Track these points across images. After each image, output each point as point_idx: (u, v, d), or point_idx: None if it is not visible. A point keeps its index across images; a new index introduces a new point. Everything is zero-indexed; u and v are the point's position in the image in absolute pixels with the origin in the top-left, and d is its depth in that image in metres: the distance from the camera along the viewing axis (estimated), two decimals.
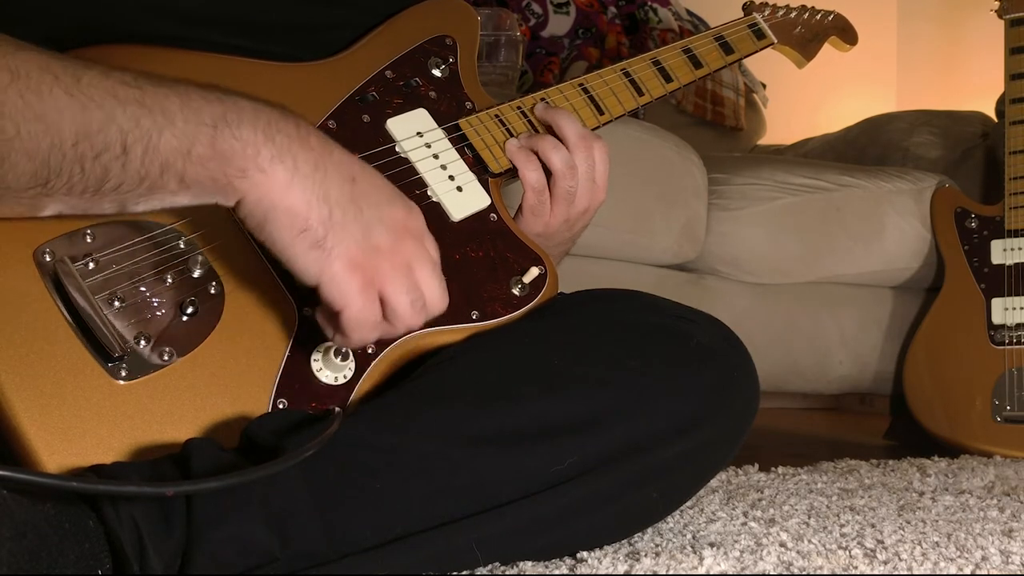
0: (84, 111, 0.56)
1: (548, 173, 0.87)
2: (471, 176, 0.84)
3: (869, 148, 2.21)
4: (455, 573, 0.66)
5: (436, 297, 0.68)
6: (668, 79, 1.01)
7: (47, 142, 0.56)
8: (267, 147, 0.61)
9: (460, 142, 0.86)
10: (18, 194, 0.58)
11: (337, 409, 0.66)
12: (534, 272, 0.82)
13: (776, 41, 1.17)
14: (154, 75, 0.60)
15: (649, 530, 0.82)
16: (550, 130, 0.89)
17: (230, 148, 0.60)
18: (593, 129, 0.92)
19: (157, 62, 0.75)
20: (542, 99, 0.92)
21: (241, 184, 0.61)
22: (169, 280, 0.68)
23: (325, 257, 0.63)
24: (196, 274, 0.69)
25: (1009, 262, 1.72)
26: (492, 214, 0.84)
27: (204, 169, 0.60)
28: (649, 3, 2.40)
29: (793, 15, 1.23)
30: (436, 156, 0.83)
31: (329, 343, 0.71)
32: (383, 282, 0.65)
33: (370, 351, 0.73)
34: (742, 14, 1.19)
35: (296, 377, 0.70)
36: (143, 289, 0.67)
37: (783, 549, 0.78)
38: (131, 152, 0.58)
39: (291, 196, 0.62)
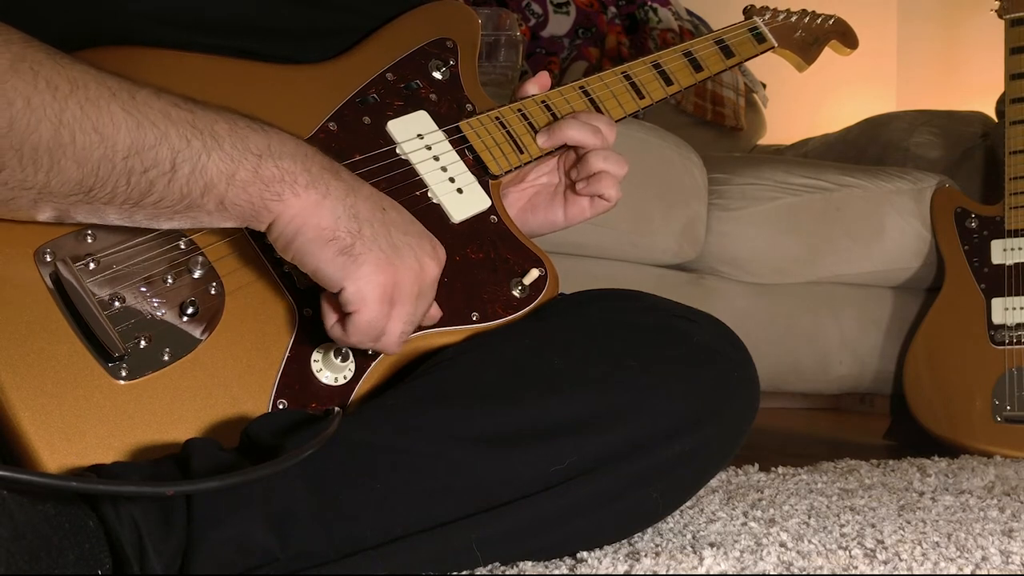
0: (139, 127, 0.59)
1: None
2: (471, 178, 0.84)
3: (869, 148, 2.21)
4: (455, 573, 0.67)
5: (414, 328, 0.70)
6: (668, 82, 1.01)
7: (99, 152, 0.58)
8: (304, 175, 0.64)
9: (461, 144, 0.86)
10: (58, 199, 0.59)
11: (337, 409, 0.66)
12: (534, 274, 0.82)
13: (776, 45, 1.17)
14: (200, 100, 0.63)
15: (649, 530, 0.82)
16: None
17: (271, 175, 0.63)
18: None
19: (162, 65, 0.75)
20: (542, 102, 0.92)
21: (276, 206, 0.63)
22: (170, 280, 0.68)
23: (352, 262, 0.65)
24: (197, 275, 0.69)
25: (1009, 262, 1.72)
26: (492, 216, 0.84)
27: (244, 192, 0.63)
28: (649, 3, 2.40)
29: (794, 19, 1.24)
30: (437, 158, 0.83)
31: (329, 343, 0.71)
32: (398, 301, 0.67)
33: (369, 352, 0.73)
34: (742, 16, 1.19)
35: (296, 377, 0.70)
36: (144, 289, 0.67)
37: (783, 549, 0.78)
38: (179, 170, 0.60)
39: (321, 213, 0.64)
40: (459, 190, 0.83)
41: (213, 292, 0.69)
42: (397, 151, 0.82)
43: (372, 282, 0.65)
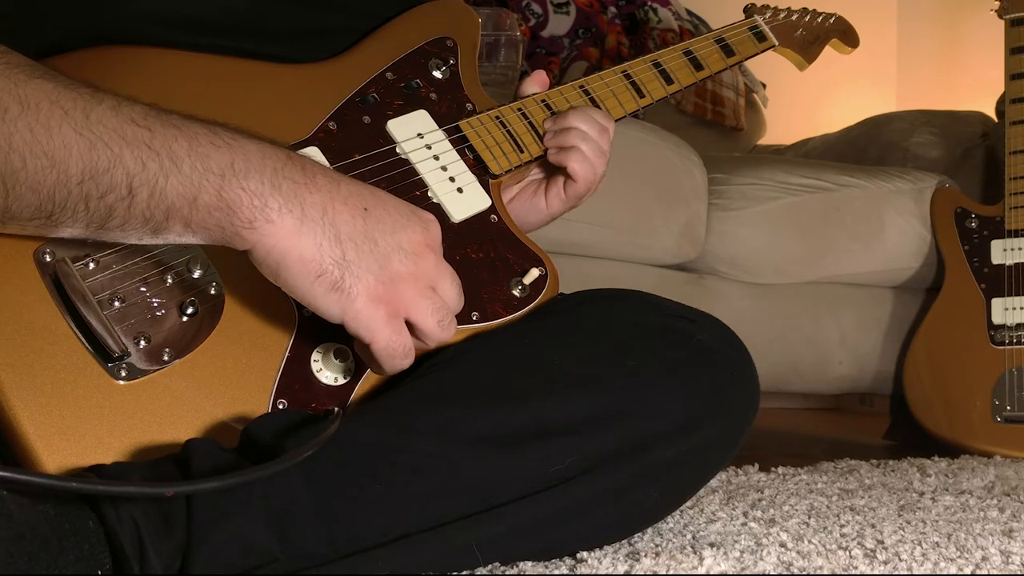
0: (92, 150, 0.56)
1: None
2: (472, 177, 0.84)
3: (869, 148, 2.21)
4: (455, 573, 0.67)
5: (456, 307, 0.69)
6: (669, 81, 1.01)
7: (53, 178, 0.55)
8: (274, 197, 0.60)
9: (461, 143, 0.86)
10: (23, 223, 0.58)
11: (337, 409, 0.66)
12: (534, 273, 0.82)
13: (777, 43, 1.17)
14: (163, 111, 0.60)
15: (649, 530, 0.82)
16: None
17: (237, 198, 0.59)
18: None
19: (162, 64, 0.75)
20: (542, 101, 0.92)
21: (249, 235, 0.60)
22: (169, 280, 0.68)
23: (345, 297, 0.63)
24: (196, 274, 0.69)
25: (1009, 262, 1.72)
26: (492, 215, 0.84)
27: (210, 217, 0.59)
28: (649, 3, 2.40)
29: (794, 17, 1.23)
30: (437, 157, 0.83)
31: (329, 343, 0.71)
32: (408, 309, 0.65)
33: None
34: (743, 15, 1.19)
35: (296, 378, 0.70)
36: (143, 289, 0.67)
37: (783, 549, 0.78)
38: (137, 195, 0.57)
39: (301, 243, 0.61)
40: (459, 189, 0.83)
41: (213, 292, 0.69)
42: (397, 150, 0.82)
43: (371, 311, 0.63)
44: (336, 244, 0.62)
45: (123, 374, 0.64)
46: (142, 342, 0.66)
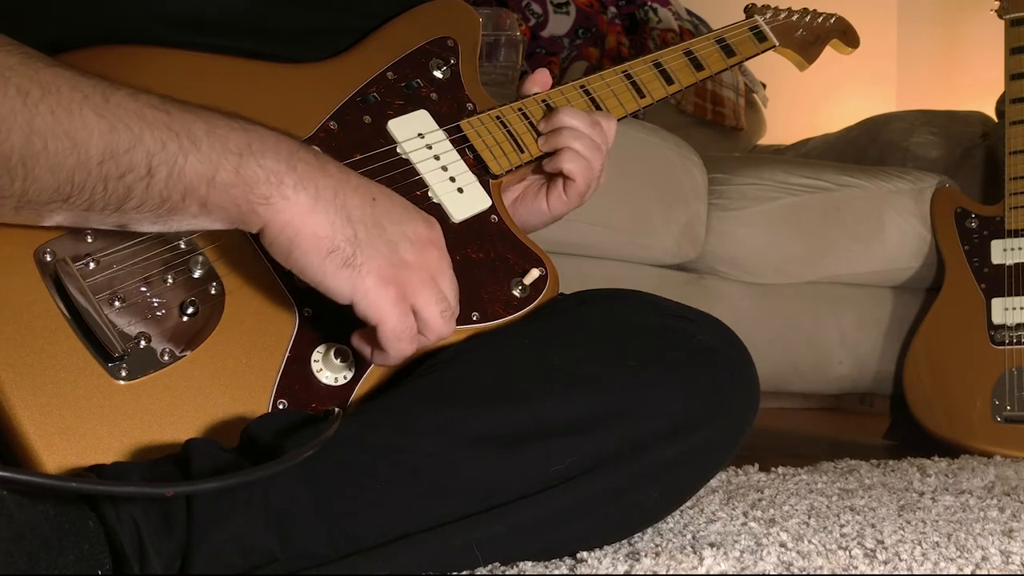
0: (112, 131, 0.57)
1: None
2: (472, 177, 0.84)
3: (869, 148, 2.21)
4: (455, 573, 0.67)
5: (455, 304, 0.69)
6: (669, 81, 1.01)
7: (73, 159, 0.56)
8: (290, 175, 0.62)
9: (461, 143, 0.86)
10: (38, 207, 0.58)
11: (337, 409, 0.66)
12: (535, 274, 0.82)
13: (778, 44, 1.17)
14: (178, 100, 0.61)
15: (649, 530, 0.82)
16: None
17: (254, 175, 0.61)
18: None
19: (163, 64, 0.75)
20: (543, 101, 0.92)
21: (265, 211, 0.62)
22: (170, 280, 0.68)
23: (356, 274, 0.64)
24: (197, 274, 0.69)
25: (1009, 262, 1.72)
26: (493, 215, 0.84)
27: (227, 195, 0.61)
28: (649, 3, 2.40)
29: (795, 18, 1.24)
30: (437, 157, 0.83)
31: (330, 343, 0.71)
32: (414, 295, 0.66)
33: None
34: (743, 15, 1.19)
35: (296, 378, 0.70)
36: (144, 289, 0.67)
37: (783, 549, 0.78)
38: (156, 174, 0.59)
39: (315, 219, 0.63)
40: (460, 190, 0.83)
41: (213, 292, 0.69)
42: (398, 150, 0.82)
43: (380, 291, 0.64)
44: (348, 224, 0.64)
45: (123, 374, 0.64)
46: (142, 342, 0.66)
